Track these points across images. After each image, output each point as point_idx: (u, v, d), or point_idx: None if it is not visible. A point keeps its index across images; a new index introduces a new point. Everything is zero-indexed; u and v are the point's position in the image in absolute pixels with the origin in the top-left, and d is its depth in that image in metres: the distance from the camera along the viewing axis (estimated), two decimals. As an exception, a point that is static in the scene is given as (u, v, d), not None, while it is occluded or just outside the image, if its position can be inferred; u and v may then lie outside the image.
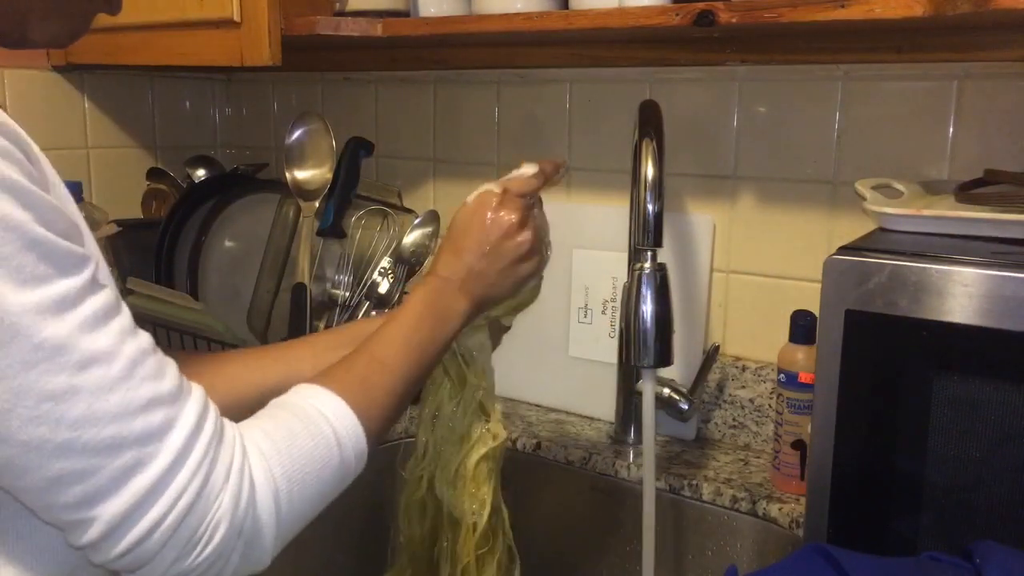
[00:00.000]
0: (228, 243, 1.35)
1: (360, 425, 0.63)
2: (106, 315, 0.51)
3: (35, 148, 0.53)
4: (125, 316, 0.53)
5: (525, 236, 0.78)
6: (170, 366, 0.54)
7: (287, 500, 0.57)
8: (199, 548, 0.52)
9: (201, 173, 1.45)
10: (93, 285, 0.51)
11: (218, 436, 0.55)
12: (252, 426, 0.59)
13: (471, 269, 0.77)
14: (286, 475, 0.57)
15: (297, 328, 1.18)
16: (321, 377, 0.66)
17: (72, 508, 0.50)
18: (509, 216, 0.78)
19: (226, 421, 0.57)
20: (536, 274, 0.82)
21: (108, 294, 0.52)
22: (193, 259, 1.31)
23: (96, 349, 0.49)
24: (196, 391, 0.56)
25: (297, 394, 0.64)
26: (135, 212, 1.45)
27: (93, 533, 0.50)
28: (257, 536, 0.56)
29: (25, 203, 0.47)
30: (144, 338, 0.53)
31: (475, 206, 0.79)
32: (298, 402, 0.63)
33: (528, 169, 0.82)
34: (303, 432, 0.60)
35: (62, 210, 0.51)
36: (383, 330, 0.73)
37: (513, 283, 0.80)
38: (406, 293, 1.29)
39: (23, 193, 0.47)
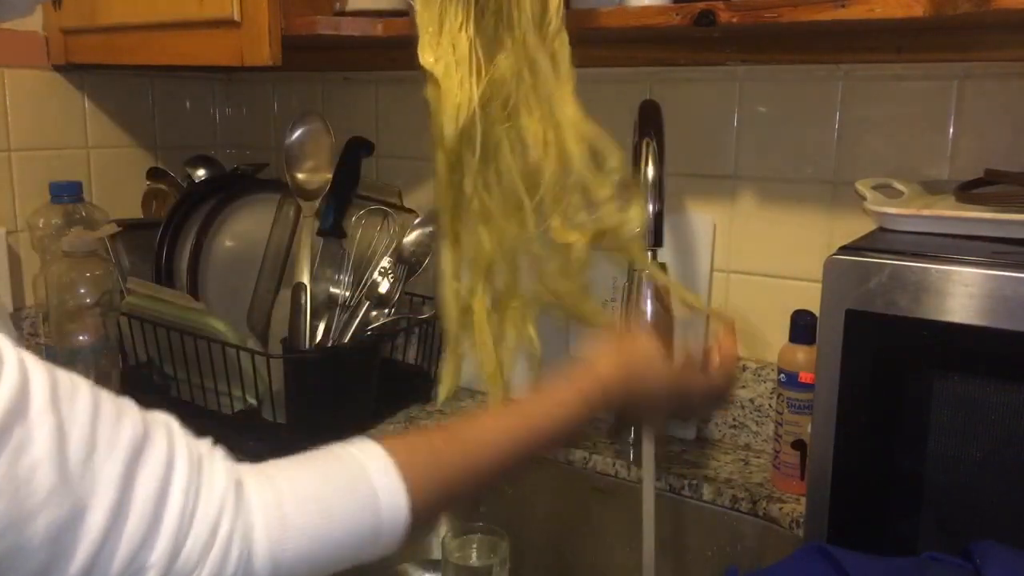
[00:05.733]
0: (228, 243, 1.35)
1: (407, 500, 0.55)
2: None
3: None
4: None
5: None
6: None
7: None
8: None
9: (201, 173, 1.45)
10: None
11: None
12: (275, 474, 0.52)
13: (625, 406, 0.74)
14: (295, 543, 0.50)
15: (297, 328, 1.18)
16: (388, 438, 0.58)
17: None
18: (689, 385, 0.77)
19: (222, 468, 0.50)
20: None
21: None
22: (193, 259, 1.31)
23: None
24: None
25: (352, 444, 0.57)
26: (135, 212, 1.45)
27: None
28: None
29: None
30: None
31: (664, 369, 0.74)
32: (347, 452, 0.56)
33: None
34: (337, 484, 0.53)
35: None
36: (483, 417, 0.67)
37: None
38: (407, 294, 1.29)
39: None
